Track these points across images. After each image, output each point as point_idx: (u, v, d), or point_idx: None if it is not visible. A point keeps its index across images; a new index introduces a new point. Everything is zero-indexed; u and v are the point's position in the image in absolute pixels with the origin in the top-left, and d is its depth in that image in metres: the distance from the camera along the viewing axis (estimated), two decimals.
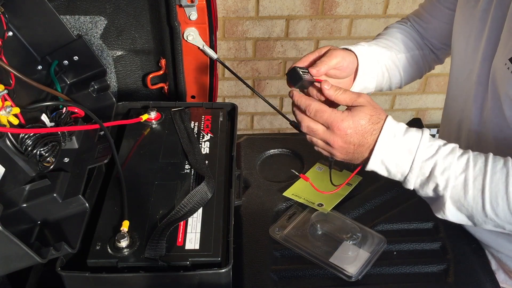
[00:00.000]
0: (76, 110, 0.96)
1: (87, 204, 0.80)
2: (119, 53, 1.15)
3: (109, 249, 0.76)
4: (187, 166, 0.91)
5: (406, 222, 1.00)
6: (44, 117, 0.89)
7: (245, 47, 2.12)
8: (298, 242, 0.94)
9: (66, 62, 1.01)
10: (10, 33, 0.90)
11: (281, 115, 1.07)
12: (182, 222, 0.81)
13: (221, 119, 1.02)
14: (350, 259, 0.90)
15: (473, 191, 0.73)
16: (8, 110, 0.78)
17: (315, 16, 2.04)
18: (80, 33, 1.09)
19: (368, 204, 1.04)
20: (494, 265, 0.99)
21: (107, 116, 1.01)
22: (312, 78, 0.83)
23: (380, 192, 1.05)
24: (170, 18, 1.06)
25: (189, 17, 1.08)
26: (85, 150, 0.90)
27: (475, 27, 0.89)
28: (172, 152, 0.94)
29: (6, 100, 0.79)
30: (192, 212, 0.82)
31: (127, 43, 1.14)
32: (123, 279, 0.75)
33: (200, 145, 0.96)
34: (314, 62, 0.88)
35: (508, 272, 0.99)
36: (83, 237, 0.77)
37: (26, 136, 0.81)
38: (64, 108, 0.95)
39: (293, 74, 0.81)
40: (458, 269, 0.92)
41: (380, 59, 1.01)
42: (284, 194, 1.04)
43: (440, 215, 0.79)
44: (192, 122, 1.01)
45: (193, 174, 0.90)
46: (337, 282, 0.89)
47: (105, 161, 0.88)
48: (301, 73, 0.80)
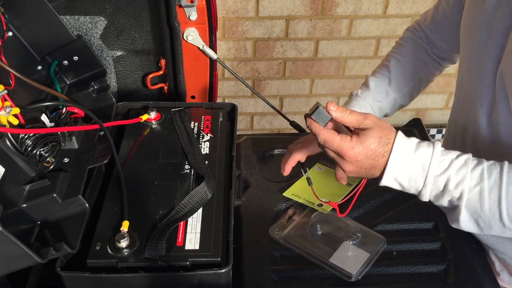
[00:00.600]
0: (76, 110, 0.96)
1: (87, 204, 0.80)
2: (119, 53, 1.15)
3: (109, 249, 0.76)
4: (187, 166, 0.91)
5: (406, 222, 1.00)
6: (44, 117, 0.89)
7: (245, 47, 2.12)
8: (298, 242, 0.94)
9: (66, 62, 1.01)
10: (10, 33, 0.90)
11: (281, 115, 1.07)
12: (182, 222, 0.81)
13: (221, 119, 1.02)
14: (350, 259, 0.90)
15: (489, 202, 0.72)
16: (8, 110, 0.78)
17: (315, 16, 2.04)
18: (80, 33, 1.09)
19: (368, 204, 1.04)
20: (499, 266, 0.99)
21: (107, 116, 1.01)
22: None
23: (380, 192, 1.05)
24: (170, 18, 1.06)
25: (189, 17, 1.08)
26: (85, 150, 0.90)
27: (482, 27, 0.89)
28: (172, 152, 0.94)
29: (6, 100, 0.79)
30: (192, 212, 0.82)
31: (127, 43, 1.14)
32: (123, 279, 0.75)
33: (200, 145, 0.96)
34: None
35: None
36: (83, 237, 0.77)
37: (26, 136, 0.81)
38: (64, 108, 0.95)
39: (321, 114, 0.80)
40: (458, 269, 0.92)
41: (388, 103, 1.05)
42: (284, 194, 1.04)
43: (455, 225, 0.79)
44: (192, 122, 1.01)
45: (193, 174, 0.90)
46: (337, 282, 0.89)
47: (105, 161, 0.88)
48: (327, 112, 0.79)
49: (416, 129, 1.27)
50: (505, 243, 0.95)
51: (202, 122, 1.01)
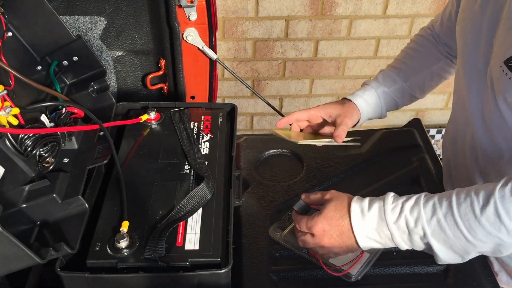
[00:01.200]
0: (75, 111, 0.96)
1: (86, 205, 0.80)
2: (119, 53, 1.15)
3: (108, 250, 0.76)
4: (186, 167, 0.91)
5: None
6: (43, 118, 0.89)
7: (245, 47, 2.12)
8: (298, 243, 0.94)
9: (65, 62, 1.01)
10: (10, 34, 0.89)
11: (281, 115, 1.07)
12: (181, 223, 0.81)
13: (220, 119, 1.02)
14: (350, 260, 0.90)
15: (449, 228, 0.75)
16: (7, 110, 0.78)
17: (315, 16, 2.04)
18: (79, 33, 1.09)
19: None
20: (497, 266, 0.99)
21: (106, 116, 1.01)
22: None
23: (380, 192, 1.05)
24: (169, 18, 1.06)
25: (188, 17, 1.08)
26: (84, 150, 0.90)
27: (473, 26, 0.89)
28: (172, 152, 0.94)
29: (5, 100, 0.79)
30: (191, 212, 0.82)
31: (126, 44, 1.14)
32: (122, 280, 0.75)
33: (200, 146, 0.96)
34: (321, 120, 1.03)
35: (511, 273, 0.99)
36: (83, 238, 0.77)
37: (26, 137, 0.81)
38: (64, 109, 0.95)
39: (303, 208, 0.93)
40: (458, 269, 0.92)
41: (385, 97, 1.08)
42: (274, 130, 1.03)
43: (440, 262, 0.80)
44: (192, 123, 1.01)
45: (192, 174, 0.89)
46: (337, 282, 0.89)
47: (105, 161, 0.88)
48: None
49: (416, 129, 1.27)
50: None
51: (202, 123, 1.01)
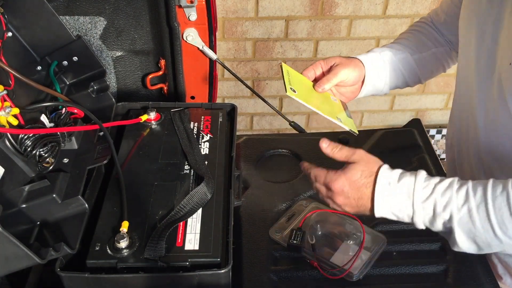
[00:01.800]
0: (75, 111, 0.96)
1: (86, 205, 0.80)
2: (119, 53, 1.15)
3: (108, 250, 0.76)
4: (186, 167, 0.91)
5: (406, 222, 1.00)
6: (43, 118, 0.89)
7: (245, 47, 2.12)
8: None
9: (65, 62, 1.01)
10: (10, 34, 0.89)
11: (281, 115, 1.07)
12: (181, 223, 0.81)
13: (220, 119, 1.02)
14: (351, 259, 0.90)
15: (479, 219, 0.73)
16: (7, 110, 0.78)
17: (315, 16, 2.04)
18: (79, 33, 1.09)
19: None
20: (501, 269, 0.99)
21: (106, 116, 1.01)
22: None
23: None
24: (169, 18, 1.06)
25: (188, 17, 1.07)
26: (84, 150, 0.90)
27: (478, 23, 0.89)
28: (172, 152, 0.94)
29: (5, 100, 0.79)
30: (191, 212, 0.82)
31: (126, 44, 1.14)
32: (122, 280, 0.75)
33: (200, 146, 0.96)
34: (322, 74, 0.98)
35: None
36: (83, 238, 0.77)
37: (26, 137, 0.81)
38: (64, 109, 0.95)
39: (295, 248, 0.93)
40: (458, 270, 0.92)
41: (392, 63, 1.05)
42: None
43: (456, 249, 0.79)
44: (192, 123, 1.01)
45: (192, 174, 0.89)
46: (338, 282, 0.89)
47: (105, 161, 0.88)
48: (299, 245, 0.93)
49: (415, 129, 1.27)
50: None
51: (202, 123, 1.01)
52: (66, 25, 0.97)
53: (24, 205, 0.78)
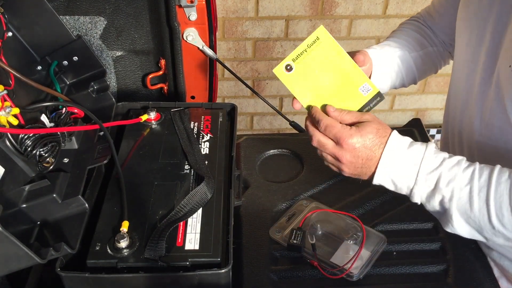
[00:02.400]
0: (75, 111, 0.96)
1: (86, 205, 0.80)
2: (119, 53, 1.15)
3: (108, 250, 0.76)
4: (186, 167, 0.91)
5: (406, 222, 1.00)
6: (43, 118, 0.89)
7: (245, 47, 2.12)
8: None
9: (65, 62, 1.01)
10: (10, 34, 0.89)
11: (281, 115, 1.07)
12: (181, 223, 0.81)
13: (220, 119, 1.02)
14: (352, 259, 0.90)
15: (478, 202, 0.73)
16: (7, 110, 0.78)
17: (315, 16, 2.04)
18: (79, 33, 1.09)
19: (368, 204, 1.04)
20: (497, 272, 0.99)
21: (106, 116, 1.01)
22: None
23: (380, 192, 1.05)
24: (169, 18, 1.06)
25: (188, 17, 1.07)
26: (84, 150, 0.90)
27: (477, 24, 0.88)
28: (172, 152, 0.94)
29: (5, 100, 0.79)
30: (191, 212, 0.82)
31: (126, 44, 1.14)
32: (122, 280, 0.75)
33: (200, 146, 0.96)
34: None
35: (511, 279, 0.98)
36: (83, 238, 0.77)
37: (26, 137, 0.81)
38: (64, 109, 0.95)
39: (295, 248, 0.93)
40: (458, 269, 0.92)
41: (392, 60, 1.03)
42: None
43: (449, 229, 0.79)
44: (192, 123, 1.01)
45: (192, 174, 0.89)
46: (338, 282, 0.89)
47: (105, 161, 0.88)
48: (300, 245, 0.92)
49: (416, 129, 1.27)
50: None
51: (202, 122, 1.01)
52: (66, 25, 0.97)
53: (24, 205, 0.78)
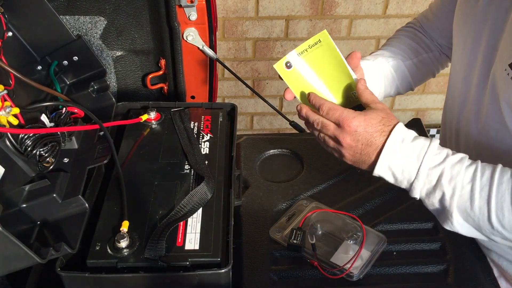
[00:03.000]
0: (75, 110, 0.96)
1: (86, 205, 0.80)
2: (119, 53, 1.15)
3: (108, 250, 0.76)
4: (186, 166, 0.91)
5: (406, 222, 1.00)
6: (43, 117, 0.89)
7: (245, 47, 2.12)
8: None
9: (65, 62, 1.01)
10: (10, 33, 0.89)
11: (281, 115, 1.07)
12: (181, 223, 0.81)
13: (220, 119, 1.02)
14: (352, 259, 0.90)
15: (479, 201, 0.73)
16: (7, 110, 0.78)
17: (315, 16, 2.04)
18: (79, 33, 1.09)
19: (368, 204, 1.04)
20: (496, 272, 0.99)
21: (106, 116, 1.01)
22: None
23: (380, 192, 1.05)
24: (169, 18, 1.06)
25: (188, 17, 1.07)
26: (84, 150, 0.90)
27: (474, 27, 0.88)
28: (172, 152, 0.94)
29: (5, 100, 0.79)
30: (192, 212, 0.82)
31: (126, 44, 1.14)
32: (122, 280, 0.75)
33: (200, 145, 0.96)
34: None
35: (510, 279, 0.98)
36: (83, 238, 0.77)
37: (26, 137, 0.81)
38: (64, 108, 0.95)
39: (295, 247, 0.93)
40: (458, 269, 0.92)
41: (386, 70, 1.03)
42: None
43: (448, 226, 0.79)
44: (192, 123, 1.01)
45: (192, 174, 0.89)
46: (338, 282, 0.89)
47: (105, 161, 0.88)
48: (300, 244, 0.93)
49: (416, 129, 1.26)
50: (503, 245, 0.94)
51: (202, 122, 1.01)
52: (66, 25, 0.97)
53: (24, 205, 0.78)
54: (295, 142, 1.20)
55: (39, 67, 0.98)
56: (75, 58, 1.01)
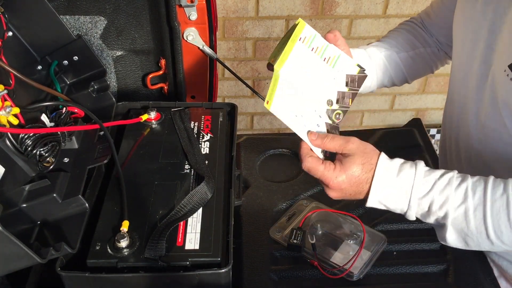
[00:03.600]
0: (75, 110, 0.96)
1: (86, 204, 0.80)
2: (119, 53, 1.15)
3: (109, 249, 0.76)
4: (187, 166, 0.91)
5: (406, 222, 1.00)
6: (44, 117, 0.89)
7: (245, 47, 2.12)
8: None
9: (66, 62, 1.01)
10: (10, 33, 0.89)
11: None
12: (182, 222, 0.81)
13: (221, 119, 1.02)
14: (352, 259, 0.90)
15: (474, 221, 0.72)
16: (8, 110, 0.78)
17: (315, 16, 2.04)
18: (80, 33, 1.09)
19: None
20: (496, 272, 0.99)
21: (107, 116, 1.01)
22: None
23: None
24: (170, 18, 1.06)
25: (189, 17, 1.07)
26: (85, 150, 0.90)
27: (472, 28, 0.88)
28: (172, 152, 0.94)
29: (6, 100, 0.79)
30: (192, 212, 0.82)
31: (127, 43, 1.14)
32: (123, 279, 0.75)
33: (200, 145, 0.96)
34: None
35: (510, 279, 0.98)
36: (83, 237, 0.77)
37: (26, 136, 0.81)
38: (64, 108, 0.95)
39: (295, 247, 0.93)
40: (458, 269, 0.92)
41: (378, 59, 1.03)
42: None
43: (443, 242, 0.78)
44: (192, 122, 1.01)
45: (193, 174, 0.89)
46: (338, 281, 0.89)
47: (105, 161, 0.88)
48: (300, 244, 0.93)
49: (416, 129, 1.27)
50: None
51: (202, 122, 1.01)
52: (66, 25, 0.97)
53: (24, 205, 0.78)
54: (295, 142, 1.19)
55: (39, 67, 0.98)
56: (75, 58, 1.01)
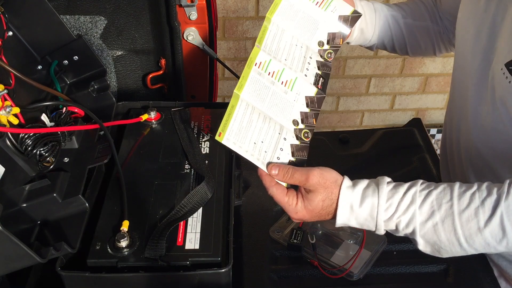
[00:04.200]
0: (76, 110, 0.96)
1: (87, 204, 0.80)
2: (119, 53, 1.15)
3: (109, 249, 0.76)
4: (187, 166, 0.91)
5: None
6: (44, 117, 0.89)
7: (245, 47, 2.12)
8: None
9: (66, 62, 1.01)
10: (10, 33, 0.89)
11: None
12: (182, 222, 0.81)
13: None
14: (352, 259, 0.90)
15: (444, 233, 0.72)
16: (8, 110, 0.78)
17: None
18: (80, 33, 1.09)
19: None
20: (496, 272, 0.99)
21: (107, 116, 1.01)
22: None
23: None
24: (170, 18, 1.06)
25: (189, 17, 1.08)
26: (85, 150, 0.90)
27: (474, 24, 0.88)
28: (172, 152, 0.94)
29: (6, 100, 0.79)
30: (192, 212, 0.82)
31: (127, 43, 1.14)
32: (123, 279, 0.75)
33: (200, 145, 0.96)
34: None
35: (509, 280, 0.98)
36: (83, 237, 0.77)
37: (26, 136, 0.81)
38: (64, 108, 0.95)
39: (295, 247, 0.94)
40: (458, 269, 0.92)
41: (381, 14, 1.01)
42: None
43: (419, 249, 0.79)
44: (192, 122, 1.01)
45: (193, 174, 0.90)
46: (338, 281, 0.89)
47: (105, 161, 0.88)
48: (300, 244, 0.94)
49: (416, 129, 1.27)
50: None
51: (202, 122, 1.01)
52: (66, 25, 0.97)
53: (24, 204, 0.78)
54: None
55: (40, 67, 0.98)
56: (76, 57, 1.01)
